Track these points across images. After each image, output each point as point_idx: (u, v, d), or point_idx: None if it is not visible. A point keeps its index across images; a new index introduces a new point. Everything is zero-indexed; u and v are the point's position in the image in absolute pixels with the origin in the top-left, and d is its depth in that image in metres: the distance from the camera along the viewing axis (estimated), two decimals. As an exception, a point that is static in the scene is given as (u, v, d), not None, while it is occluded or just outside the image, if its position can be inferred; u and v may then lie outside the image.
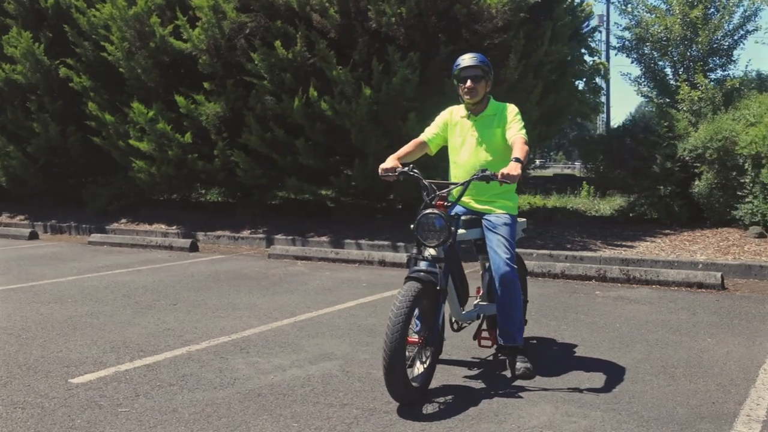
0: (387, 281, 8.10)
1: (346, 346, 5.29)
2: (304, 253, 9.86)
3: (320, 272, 8.77)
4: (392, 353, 3.82)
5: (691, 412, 3.88)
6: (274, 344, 5.35)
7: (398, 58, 10.19)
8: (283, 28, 10.87)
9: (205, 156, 12.09)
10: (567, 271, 8.20)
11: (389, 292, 7.41)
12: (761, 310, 6.44)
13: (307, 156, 11.14)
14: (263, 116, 11.36)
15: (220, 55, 11.54)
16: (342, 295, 7.31)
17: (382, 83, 10.22)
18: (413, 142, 4.92)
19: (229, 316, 6.34)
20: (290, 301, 7.00)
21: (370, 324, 6.00)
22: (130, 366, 4.80)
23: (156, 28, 11.89)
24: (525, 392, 4.22)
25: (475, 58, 4.77)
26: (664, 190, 10.52)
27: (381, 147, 10.63)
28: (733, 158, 9.97)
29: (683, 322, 6.03)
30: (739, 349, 5.17)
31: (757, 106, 10.13)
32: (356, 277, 8.44)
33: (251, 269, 9.01)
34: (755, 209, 9.69)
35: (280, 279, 8.28)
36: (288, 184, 11.64)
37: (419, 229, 4.28)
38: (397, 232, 10.82)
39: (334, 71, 10.37)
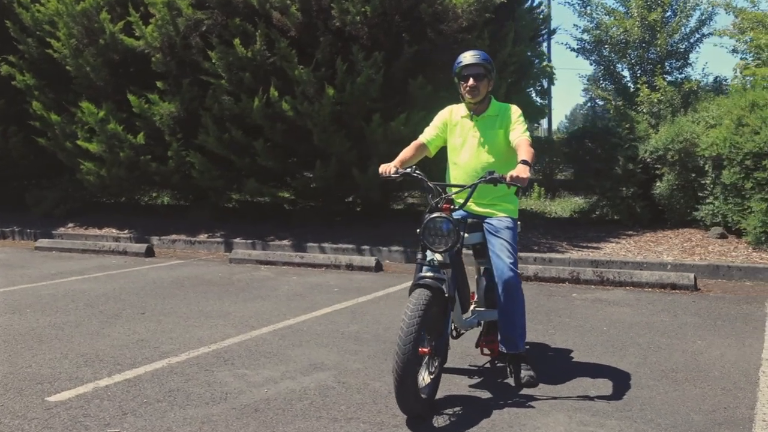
0: (358, 286, 7.90)
1: (335, 356, 5.08)
2: (268, 257, 9.58)
3: (287, 277, 8.52)
4: (405, 365, 3.64)
5: (706, 419, 3.81)
6: (259, 354, 5.11)
7: (362, 58, 10.00)
8: (241, 26, 10.56)
9: (159, 157, 11.67)
10: (540, 273, 8.13)
11: (364, 298, 7.21)
12: (740, 311, 6.47)
13: (267, 157, 10.85)
14: (220, 116, 11.03)
15: (174, 53, 11.16)
16: (315, 300, 7.08)
17: (346, 83, 10.02)
18: (413, 145, 4.72)
19: (203, 324, 6.06)
20: (263, 307, 6.75)
21: (353, 331, 5.80)
22: (110, 381, 4.50)
23: (106, 25, 11.43)
24: (534, 401, 4.09)
25: (477, 56, 4.61)
26: (627, 192, 10.58)
27: (344, 148, 10.45)
28: (694, 160, 10.09)
29: (668, 324, 6.00)
30: (731, 351, 5.15)
31: (716, 108, 10.27)
32: (325, 281, 8.22)
33: (214, 275, 8.70)
34: (716, 210, 9.81)
35: (247, 285, 8.00)
36: (246, 186, 11.32)
37: (426, 233, 4.11)
38: (360, 235, 10.64)
39: (296, 71, 10.12)
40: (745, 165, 9.07)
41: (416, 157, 4.68)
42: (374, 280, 8.33)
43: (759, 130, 8.92)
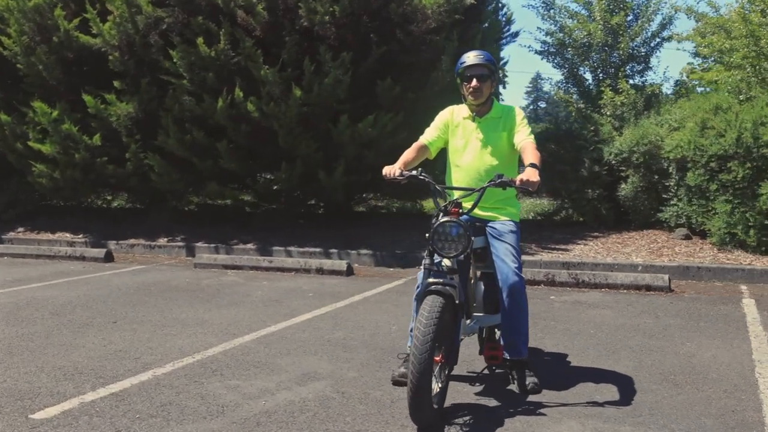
0: (333, 290, 7.74)
1: (326, 364, 4.92)
2: (234, 261, 9.34)
3: (257, 282, 8.31)
4: (421, 375, 3.52)
5: (717, 423, 3.78)
6: (247, 364, 4.92)
7: (329, 58, 9.84)
8: (204, 25, 10.29)
9: (116, 159, 11.31)
10: (515, 275, 8.08)
11: (341, 303, 7.06)
12: (719, 312, 6.52)
13: (230, 159, 10.61)
14: (181, 117, 10.75)
15: (133, 52, 10.83)
16: (293, 306, 6.91)
17: (314, 84, 9.85)
18: (414, 147, 4.60)
19: (181, 333, 5.83)
20: (240, 314, 6.54)
21: (339, 338, 5.65)
22: (95, 396, 4.26)
23: (60, 22, 11.02)
24: (543, 408, 4.01)
25: (480, 56, 4.51)
26: (592, 194, 10.65)
27: (310, 150, 10.28)
28: (658, 162, 10.20)
29: (652, 326, 6.01)
30: (722, 352, 5.17)
31: (679, 111, 10.41)
32: (298, 286, 8.04)
33: (180, 280, 8.44)
34: (680, 211, 9.94)
35: (218, 291, 7.77)
36: (208, 188, 11.05)
37: (436, 238, 3.99)
38: (326, 239, 10.49)
39: (262, 71, 9.91)
40: (710, 167, 9.21)
41: (418, 158, 4.56)
42: (347, 284, 8.18)
43: (724, 132, 9.06)
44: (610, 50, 13.26)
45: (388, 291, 7.72)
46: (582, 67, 13.80)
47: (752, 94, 9.62)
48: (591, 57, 13.43)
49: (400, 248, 9.89)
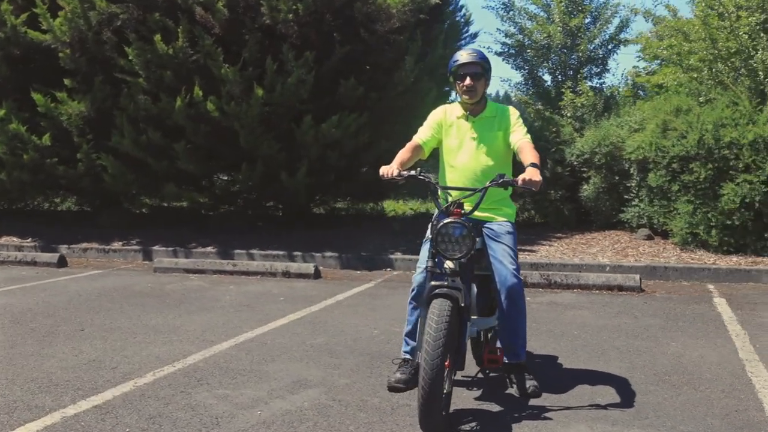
0: (304, 294, 7.56)
1: (315, 370, 4.76)
2: (196, 265, 9.06)
3: (223, 286, 8.07)
4: (433, 381, 3.41)
5: (724, 423, 3.76)
6: (232, 372, 4.73)
7: (292, 57, 9.65)
8: (161, 22, 9.99)
9: (67, 160, 10.90)
10: (487, 277, 8.03)
11: (315, 307, 6.89)
12: (694, 311, 6.57)
13: (187, 160, 10.31)
14: (136, 117, 10.40)
15: (85, 48, 10.44)
16: (266, 311, 6.71)
17: (276, 83, 9.64)
18: (409, 147, 4.47)
19: (155, 340, 5.59)
20: (213, 320, 6.32)
21: (321, 343, 5.49)
22: (77, 409, 4.03)
23: (7, 17, 10.56)
24: (549, 412, 3.93)
25: (474, 54, 4.41)
26: (555, 195, 10.70)
27: (272, 150, 10.07)
28: (619, 163, 10.31)
29: (633, 326, 6.01)
30: (708, 352, 5.18)
31: (639, 113, 10.54)
32: (266, 290, 7.83)
33: (142, 285, 8.14)
34: (642, 212, 10.05)
35: (184, 296, 7.51)
36: (166, 190, 10.72)
37: (439, 240, 3.87)
38: (288, 241, 10.28)
39: (222, 69, 9.66)
40: (672, 168, 9.32)
41: (413, 159, 4.44)
42: (316, 287, 8.01)
43: (686, 134, 9.18)
44: (569, 52, 13.39)
45: (360, 294, 7.58)
46: (541, 68, 13.91)
47: (711, 96, 9.78)
48: (550, 59, 13.55)
49: (366, 250, 9.76)
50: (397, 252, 9.60)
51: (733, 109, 9.22)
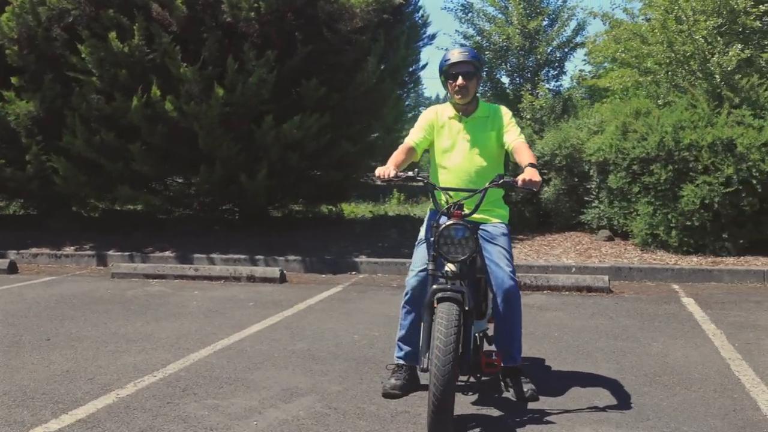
0: (272, 299, 7.39)
1: (303, 378, 4.63)
2: (156, 270, 8.79)
3: (187, 292, 7.84)
4: (445, 388, 3.33)
5: (725, 424, 3.78)
6: (218, 381, 4.56)
7: (253, 57, 9.46)
8: (116, 19, 9.68)
9: (14, 161, 10.48)
10: (456, 279, 8.00)
11: (287, 312, 6.74)
12: (666, 311, 6.65)
13: (143, 162, 10.01)
14: (88, 117, 10.06)
15: (34, 45, 10.05)
16: (237, 317, 6.52)
17: (237, 83, 9.43)
18: (403, 149, 4.35)
19: (128, 349, 5.37)
20: (185, 327, 6.12)
21: (303, 349, 5.36)
22: (60, 424, 3.82)
23: (-50, 12, 10.10)
24: (551, 416, 3.89)
25: (466, 53, 4.32)
26: (516, 197, 10.74)
27: (232, 152, 9.85)
28: (579, 165, 10.41)
29: (611, 327, 6.04)
30: (691, 352, 5.23)
31: (598, 115, 10.67)
32: (233, 295, 7.64)
33: (102, 291, 7.85)
34: (602, 213, 10.18)
35: (148, 302, 7.26)
36: (120, 192, 10.37)
37: (441, 242, 3.79)
38: (247, 245, 10.04)
39: (181, 69, 9.40)
40: (632, 170, 9.45)
41: (407, 161, 4.34)
42: (284, 292, 7.85)
43: (646, 136, 9.32)
44: (527, 55, 13.49)
45: (330, 299, 7.45)
46: (499, 70, 13.99)
47: (669, 99, 9.96)
48: (508, 61, 13.63)
49: (329, 254, 9.63)
50: (362, 255, 9.49)
51: (692, 111, 9.40)
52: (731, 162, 8.81)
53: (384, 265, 9.07)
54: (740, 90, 9.43)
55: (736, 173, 8.75)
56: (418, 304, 4.31)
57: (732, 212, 8.91)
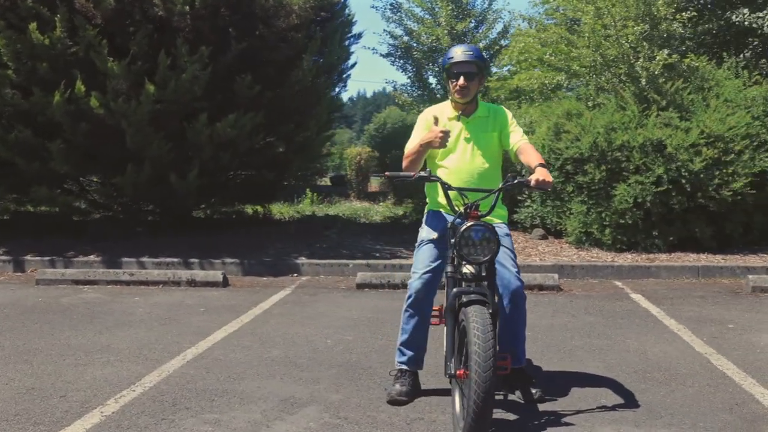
0: (222, 304, 7.09)
1: (295, 387, 4.43)
2: (87, 276, 8.27)
3: (126, 298, 7.41)
4: (486, 394, 3.24)
5: (735, 417, 3.87)
6: (206, 393, 4.30)
7: (186, 52, 9.07)
8: (35, 9, 9.06)
9: None
10: (407, 280, 7.90)
11: (246, 317, 6.47)
12: (621, 308, 6.79)
13: (63, 161, 9.42)
14: (2, 113, 9.39)
15: (-58, 36, 9.27)
16: (195, 324, 6.21)
17: (170, 80, 9.01)
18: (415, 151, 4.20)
19: (91, 362, 5.00)
20: (142, 336, 5.76)
21: (280, 356, 5.14)
22: (52, 447, 3.49)
23: None
24: (567, 417, 3.88)
25: (469, 53, 4.23)
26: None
27: (162, 151, 9.42)
28: (512, 165, 10.52)
29: (578, 325, 6.10)
30: (666, 348, 5.34)
31: (528, 116, 10.85)
32: (179, 300, 7.28)
33: (32, 300, 7.30)
34: (535, 213, 10.35)
35: (90, 310, 6.81)
36: (36, 193, 9.72)
37: (462, 244, 3.68)
38: (176, 247, 9.61)
39: (108, 63, 8.91)
40: (566, 170, 9.65)
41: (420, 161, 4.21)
42: (231, 296, 7.55)
43: (580, 137, 9.54)
44: None
45: (282, 302, 7.20)
46: (427, 71, 14.01)
47: (599, 101, 10.23)
48: (437, 61, 13.65)
49: (267, 255, 9.36)
50: (301, 257, 9.27)
51: (622, 113, 9.69)
52: (661, 162, 9.13)
53: (326, 266, 8.88)
54: (666, 93, 9.80)
55: (666, 173, 9.07)
56: (422, 307, 4.22)
57: (662, 210, 9.23)
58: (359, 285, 7.97)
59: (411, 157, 4.17)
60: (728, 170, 9.06)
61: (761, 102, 9.66)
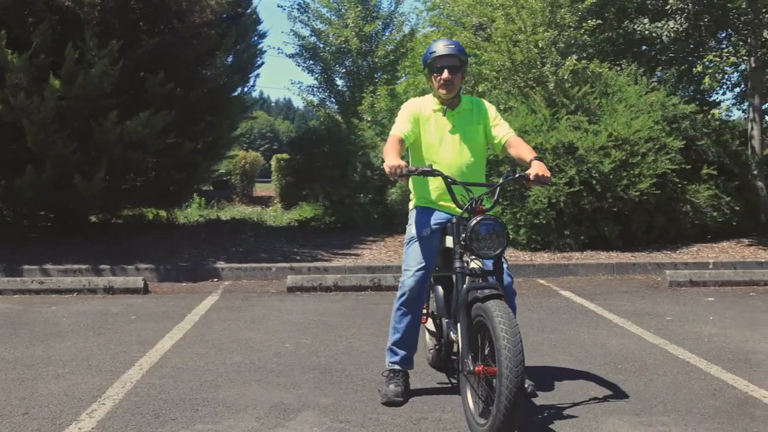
0: (152, 311, 6.70)
1: (278, 392, 4.24)
2: (-11, 285, 7.62)
3: (42, 307, 6.87)
4: (519, 389, 3.21)
5: (723, 403, 4.02)
6: (188, 403, 4.03)
7: (94, 46, 8.55)
8: None
9: None
10: (339, 282, 7.82)
11: (186, 324, 6.14)
12: (557, 304, 6.97)
13: (-51, 162, 8.67)
14: None
15: None
16: (134, 332, 5.83)
17: (77, 75, 8.46)
18: (396, 141, 4.08)
19: (38, 376, 4.59)
20: (83, 347, 5.35)
21: (245, 362, 4.91)
22: (41, 469, 3.15)
23: None
24: (567, 410, 3.91)
25: (451, 46, 4.18)
26: (364, 198, 10.73)
27: (67, 151, 8.83)
28: (426, 167, 10.60)
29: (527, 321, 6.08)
30: (622, 340, 5.50)
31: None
32: (103, 309, 6.81)
33: (-67, 312, 6.65)
34: (449, 214, 10.44)
35: (9, 321, 6.24)
36: None
37: (473, 239, 3.63)
38: (76, 253, 9.03)
39: (8, 56, 8.26)
40: (480, 171, 9.81)
41: (401, 153, 4.10)
42: (158, 303, 7.16)
43: (495, 139, 9.72)
44: (363, 57, 13.49)
45: (217, 308, 6.89)
46: (335, 72, 13.85)
47: (510, 105, 10.47)
48: (345, 63, 13.56)
49: (182, 260, 8.97)
50: (220, 261, 8.94)
51: (534, 116, 9.98)
52: (573, 164, 9.48)
53: (248, 270, 8.61)
54: (574, 97, 10.18)
55: (578, 174, 9.42)
56: (415, 305, 4.16)
57: (574, 210, 9.58)
58: (290, 288, 7.77)
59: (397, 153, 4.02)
60: (635, 171, 9.53)
61: (659, 107, 10.22)
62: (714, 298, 7.21)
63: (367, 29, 13.51)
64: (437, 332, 4.37)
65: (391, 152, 3.99)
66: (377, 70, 13.77)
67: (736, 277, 8.01)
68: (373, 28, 13.57)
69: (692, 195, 10.02)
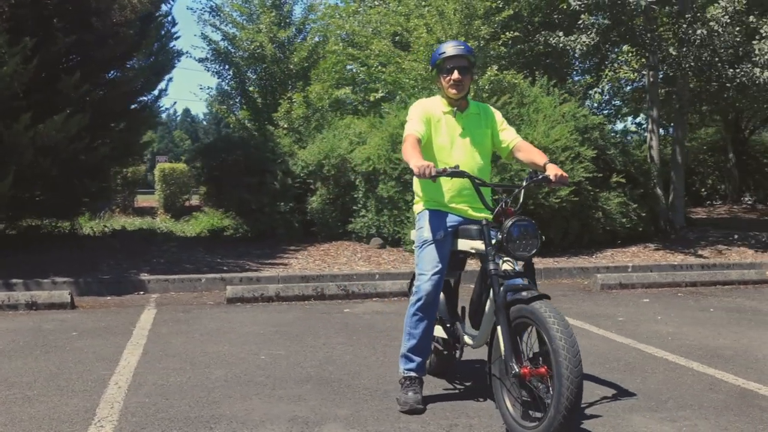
0: (90, 327, 6.23)
1: (287, 406, 4.04)
2: None
3: (-38, 326, 6.26)
4: (579, 390, 3.21)
5: (727, 396, 4.21)
6: (199, 421, 3.78)
7: (5, 43, 7.91)
8: None
9: None
10: (281, 292, 7.59)
11: (139, 339, 5.75)
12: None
13: None
14: None
15: None
16: (87, 350, 5.39)
17: (-15, 73, 7.81)
18: (414, 142, 4.01)
19: (6, 400, 4.15)
20: (41, 367, 4.90)
21: (229, 376, 4.65)
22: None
23: None
24: (589, 408, 3.95)
25: (461, 47, 4.17)
26: (285, 207, 10.49)
27: (-27, 156, 8.11)
28: (345, 175, 10.54)
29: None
30: (591, 341, 5.62)
31: (356, 127, 10.89)
32: (35, 326, 6.26)
33: None
34: (370, 222, 10.42)
35: (-71, 342, 5.66)
36: None
37: (510, 240, 3.61)
38: None
39: None
40: (404, 179, 9.86)
41: None
42: (92, 318, 6.67)
43: (419, 147, 9.77)
44: (277, 63, 13.18)
45: (161, 321, 6.49)
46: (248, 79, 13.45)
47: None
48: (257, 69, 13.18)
49: (102, 273, 8.43)
50: (143, 273, 8.48)
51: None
52: (496, 172, 9.66)
53: (176, 282, 8.21)
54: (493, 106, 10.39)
55: (501, 182, 9.61)
56: (431, 310, 4.10)
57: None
58: (230, 299, 7.47)
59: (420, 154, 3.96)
60: (555, 179, 9.82)
61: (570, 118, 10.62)
62: (649, 300, 7.53)
63: (281, 35, 13.25)
64: (450, 337, 4.29)
65: (414, 153, 3.94)
66: (291, 77, 13.51)
67: (660, 279, 8.43)
68: (287, 35, 13.32)
69: (603, 202, 10.46)
